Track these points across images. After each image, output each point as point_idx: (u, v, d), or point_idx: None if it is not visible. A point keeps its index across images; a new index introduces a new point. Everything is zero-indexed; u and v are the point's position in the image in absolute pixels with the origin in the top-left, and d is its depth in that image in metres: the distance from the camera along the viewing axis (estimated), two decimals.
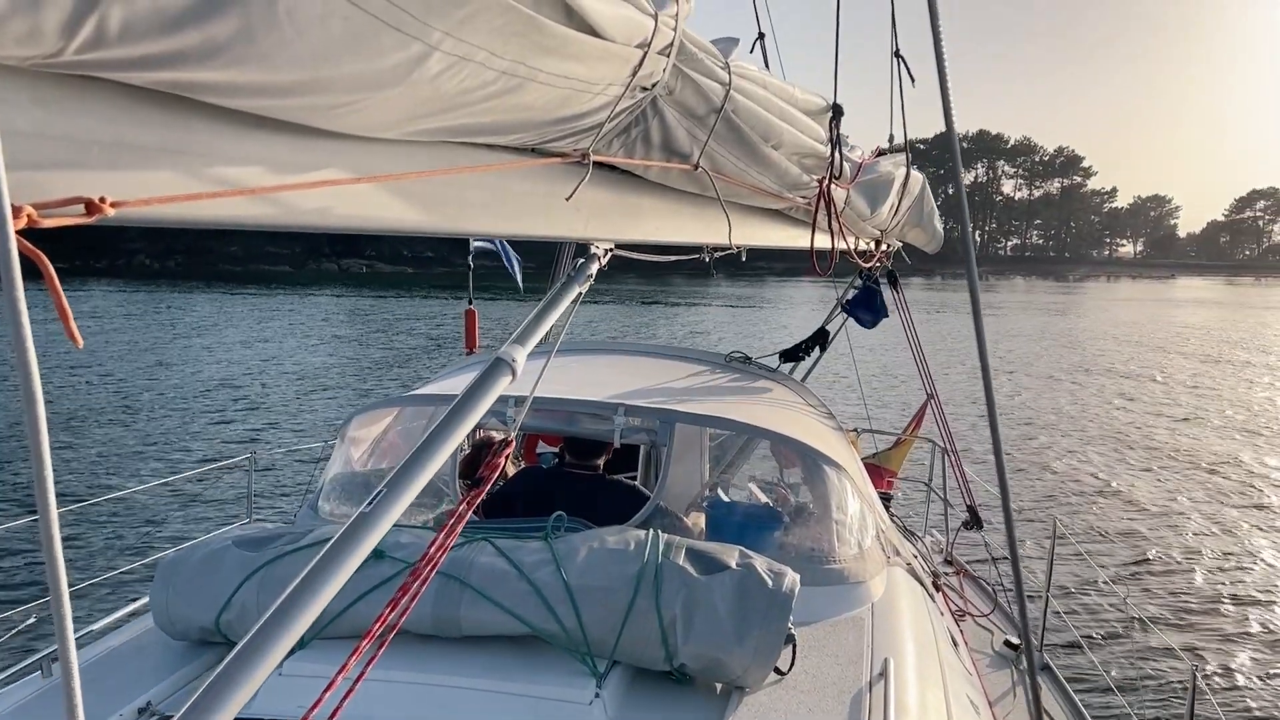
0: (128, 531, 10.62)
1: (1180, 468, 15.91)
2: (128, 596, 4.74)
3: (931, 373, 6.39)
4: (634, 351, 5.58)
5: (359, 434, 4.17)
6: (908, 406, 15.03)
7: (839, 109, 3.24)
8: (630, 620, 2.49)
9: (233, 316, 38.07)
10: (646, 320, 41.15)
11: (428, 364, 26.17)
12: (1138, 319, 54.16)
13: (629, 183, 2.17)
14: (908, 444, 7.88)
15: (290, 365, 25.02)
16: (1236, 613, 9.44)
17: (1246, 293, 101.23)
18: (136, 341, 28.43)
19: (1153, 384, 26.58)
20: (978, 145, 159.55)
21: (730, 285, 71.84)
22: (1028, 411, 20.92)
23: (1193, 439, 18.48)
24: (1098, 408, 22.00)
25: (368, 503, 1.47)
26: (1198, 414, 21.61)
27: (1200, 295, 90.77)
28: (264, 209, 1.19)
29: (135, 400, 19.14)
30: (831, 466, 3.66)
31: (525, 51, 1.32)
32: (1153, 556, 11.04)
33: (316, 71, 1.07)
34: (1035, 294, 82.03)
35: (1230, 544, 11.65)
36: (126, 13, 0.85)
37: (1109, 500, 13.54)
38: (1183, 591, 9.96)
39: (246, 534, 2.95)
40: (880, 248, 5.43)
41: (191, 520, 10.90)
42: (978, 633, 4.85)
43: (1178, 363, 32.44)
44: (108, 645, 2.97)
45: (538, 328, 1.92)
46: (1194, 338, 42.70)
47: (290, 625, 1.29)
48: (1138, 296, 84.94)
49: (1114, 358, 33.13)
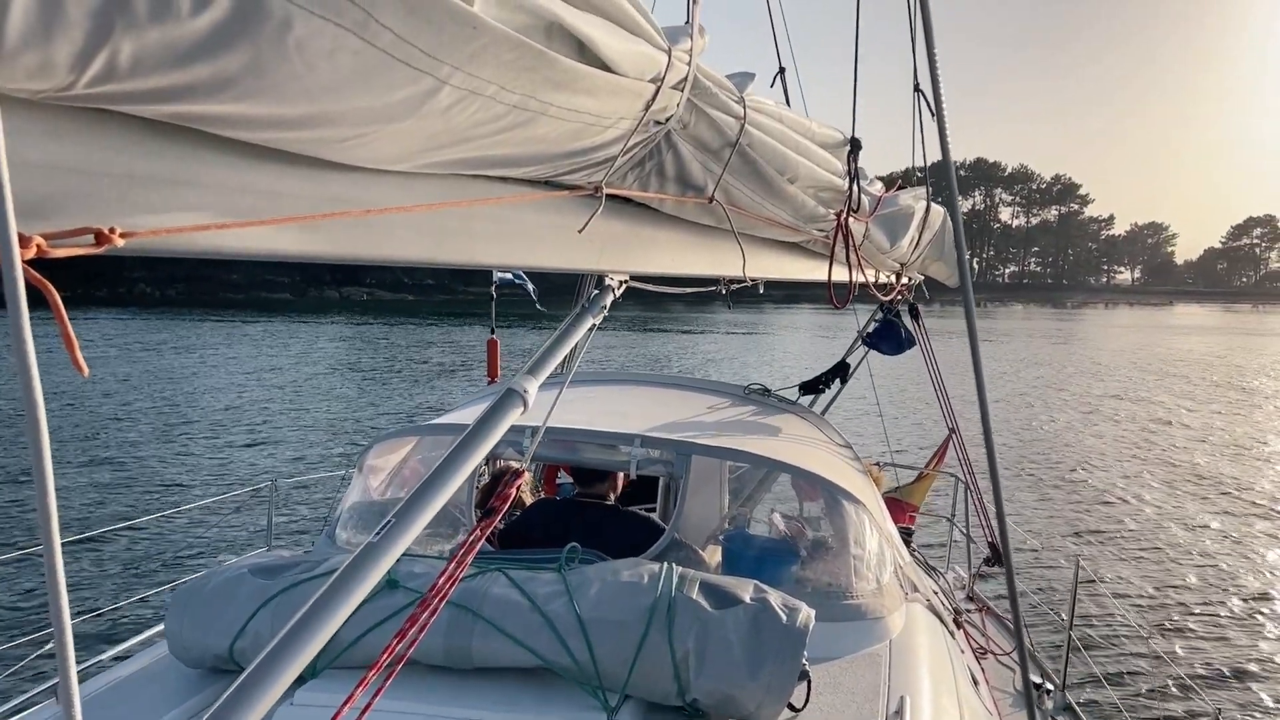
0: (147, 559, 10.67)
1: (1204, 500, 15.68)
2: (144, 623, 4.75)
3: (953, 406, 6.35)
4: (653, 382, 5.57)
5: (377, 463, 4.18)
6: (931, 440, 14.90)
7: (857, 143, 3.24)
8: (643, 654, 2.46)
9: (238, 344, 38.23)
10: (643, 347, 41.13)
11: (444, 392, 26.17)
12: (1143, 345, 54.02)
13: (643, 215, 2.18)
14: (930, 478, 7.81)
15: (303, 394, 25.07)
16: (1263, 653, 9.25)
17: (1246, 319, 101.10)
18: (143, 370, 28.56)
19: (1171, 413, 26.28)
20: (975, 173, 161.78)
21: (729, 312, 71.72)
22: (1048, 442, 20.72)
23: (1218, 469, 18.21)
24: (1118, 437, 21.77)
25: (376, 533, 1.47)
26: (1222, 444, 21.33)
27: (1201, 322, 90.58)
28: (273, 240, 1.20)
29: (149, 429, 19.22)
30: (849, 501, 3.63)
31: (536, 86, 1.33)
32: (1178, 594, 10.85)
33: (326, 105, 1.08)
34: (1035, 320, 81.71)
35: (1258, 581, 11.44)
36: (137, 47, 0.87)
37: (1132, 535, 13.35)
38: (1208, 630, 9.77)
39: (262, 562, 2.95)
40: (901, 280, 5.41)
41: (212, 548, 10.94)
42: (999, 671, 4.78)
43: (1193, 391, 32.16)
44: (123, 672, 2.97)
45: (550, 358, 1.92)
46: (1205, 364, 42.44)
47: (297, 653, 1.29)
48: (1138, 324, 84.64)
49: (1125, 386, 32.87)
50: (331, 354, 36.53)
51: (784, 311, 77.75)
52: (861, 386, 7.29)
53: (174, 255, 1.12)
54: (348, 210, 1.28)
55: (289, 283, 77.97)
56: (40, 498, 0.86)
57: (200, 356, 33.13)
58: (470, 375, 30.00)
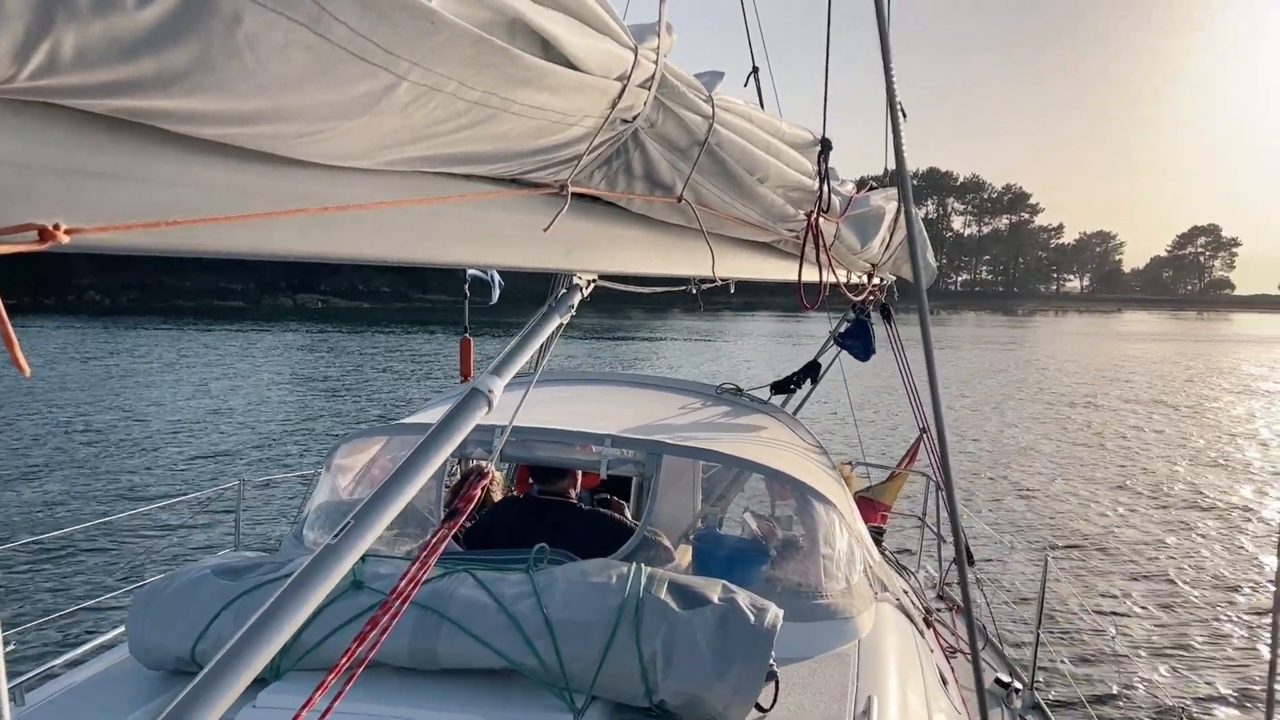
0: (110, 560, 10.55)
1: (1167, 500, 15.88)
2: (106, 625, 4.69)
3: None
4: (625, 382, 5.56)
5: (345, 462, 4.14)
6: (904, 440, 15.01)
7: (828, 143, 3.24)
8: (610, 655, 2.45)
9: (195, 352, 37.60)
10: (601, 353, 41.03)
11: (408, 397, 25.96)
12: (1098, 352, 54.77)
13: (611, 214, 2.17)
14: (902, 478, 7.84)
15: (267, 400, 24.72)
16: (1226, 650, 9.36)
17: (1192, 326, 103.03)
18: (100, 378, 28.03)
19: (1131, 417, 26.59)
20: (928, 182, 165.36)
21: (687, 318, 71.82)
22: (1015, 444, 20.89)
23: (1180, 471, 18.44)
24: (1082, 440, 22.00)
25: (336, 533, 1.46)
26: (1182, 446, 21.61)
27: (1150, 329, 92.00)
28: (228, 238, 1.17)
29: (110, 436, 18.88)
30: (819, 501, 3.64)
31: (498, 83, 1.31)
32: (1144, 593, 10.97)
33: (279, 100, 1.06)
34: (987, 328, 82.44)
35: (1221, 580, 11.59)
36: (80, 39, 0.85)
37: (1099, 535, 13.49)
38: (1173, 629, 9.88)
39: (225, 563, 2.92)
40: (872, 281, 5.43)
41: (178, 550, 10.82)
42: (970, 670, 4.80)
43: (1150, 395, 32.53)
44: (84, 674, 2.93)
45: (517, 357, 1.90)
46: (1161, 370, 43.02)
47: (255, 654, 1.27)
48: (1089, 330, 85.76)
49: (1085, 391, 33.18)
50: (292, 361, 36.10)
51: (741, 317, 77.88)
52: (834, 387, 7.30)
53: (124, 253, 1.09)
54: (305, 207, 1.25)
55: (243, 290, 77.44)
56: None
57: (157, 364, 32.61)
58: (434, 380, 29.86)
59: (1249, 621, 10.16)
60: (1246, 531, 14.09)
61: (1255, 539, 13.62)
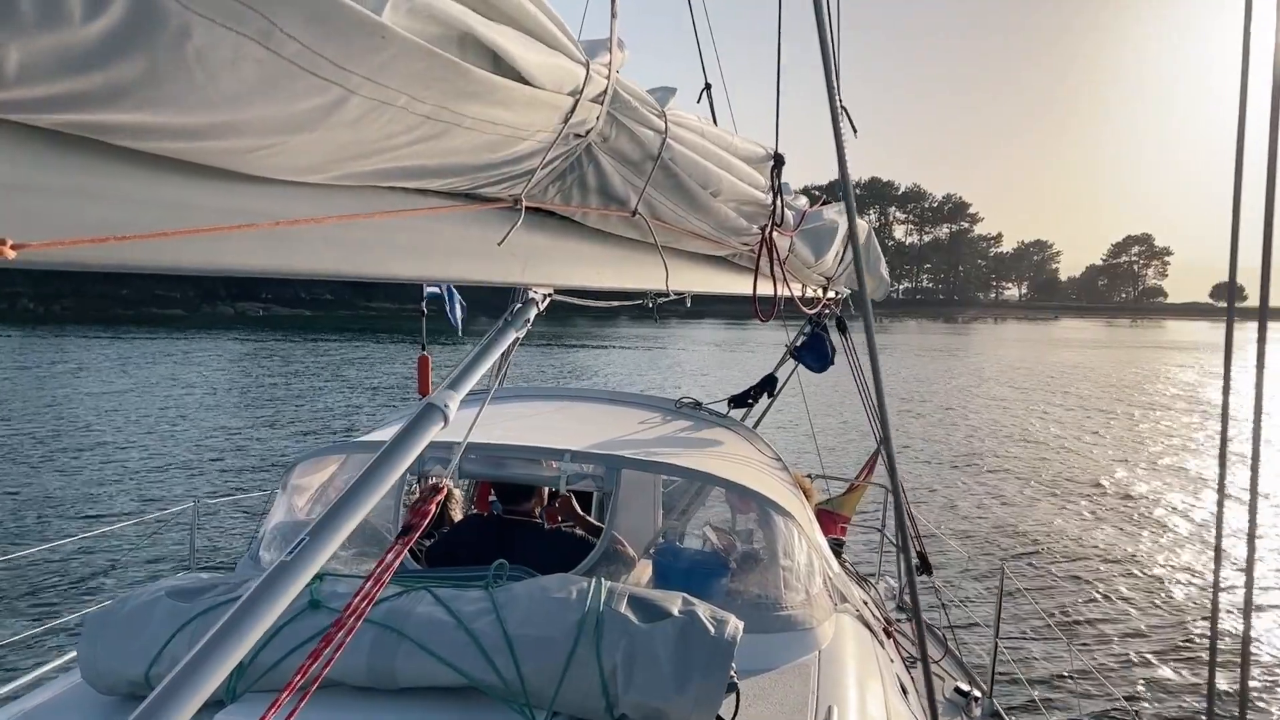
0: (60, 584, 10.30)
1: (1121, 507, 16.16)
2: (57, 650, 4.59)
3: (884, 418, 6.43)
4: (584, 397, 5.56)
5: (302, 482, 4.10)
6: (862, 452, 15.12)
7: (780, 158, 3.28)
8: (570, 670, 2.45)
9: (135, 362, 36.68)
10: (548, 361, 40.82)
11: (361, 409, 25.63)
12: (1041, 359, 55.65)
13: (566, 228, 2.18)
14: (860, 490, 7.89)
15: (214, 412, 24.28)
16: (1179, 655, 9.51)
17: (1125, 334, 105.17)
18: (39, 390, 27.33)
19: (1076, 424, 27.04)
20: (870, 191, 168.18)
21: (635, 326, 71.71)
22: (970, 454, 21.11)
23: (1134, 478, 18.76)
24: (1031, 448, 22.29)
25: (289, 551, 1.44)
26: (1134, 452, 22.00)
27: (1088, 336, 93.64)
28: (179, 253, 1.17)
29: (51, 451, 18.38)
30: (778, 513, 3.66)
31: (448, 97, 1.32)
32: (1097, 600, 11.14)
33: (229, 114, 1.06)
34: (929, 335, 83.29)
35: (1174, 586, 11.79)
36: (25, 54, 0.84)
37: (1055, 541, 13.68)
38: (1127, 636, 10.03)
39: (180, 584, 2.87)
40: (827, 294, 5.48)
41: (131, 572, 10.61)
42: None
43: (1095, 402, 33.10)
44: (34, 700, 2.87)
45: (472, 373, 1.90)
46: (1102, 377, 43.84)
47: (207, 675, 1.26)
48: (1029, 337, 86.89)
49: (1032, 399, 33.68)
50: (239, 371, 35.35)
51: (691, 325, 78.03)
52: (792, 400, 7.35)
53: (73, 269, 1.09)
54: (256, 223, 1.25)
55: (181, 298, 75.74)
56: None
57: (98, 375, 31.80)
58: (387, 391, 29.49)
59: (1198, 623, 10.35)
60: (1193, 535, 14.37)
61: (1202, 542, 13.89)
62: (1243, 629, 2.96)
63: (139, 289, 73.13)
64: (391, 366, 37.72)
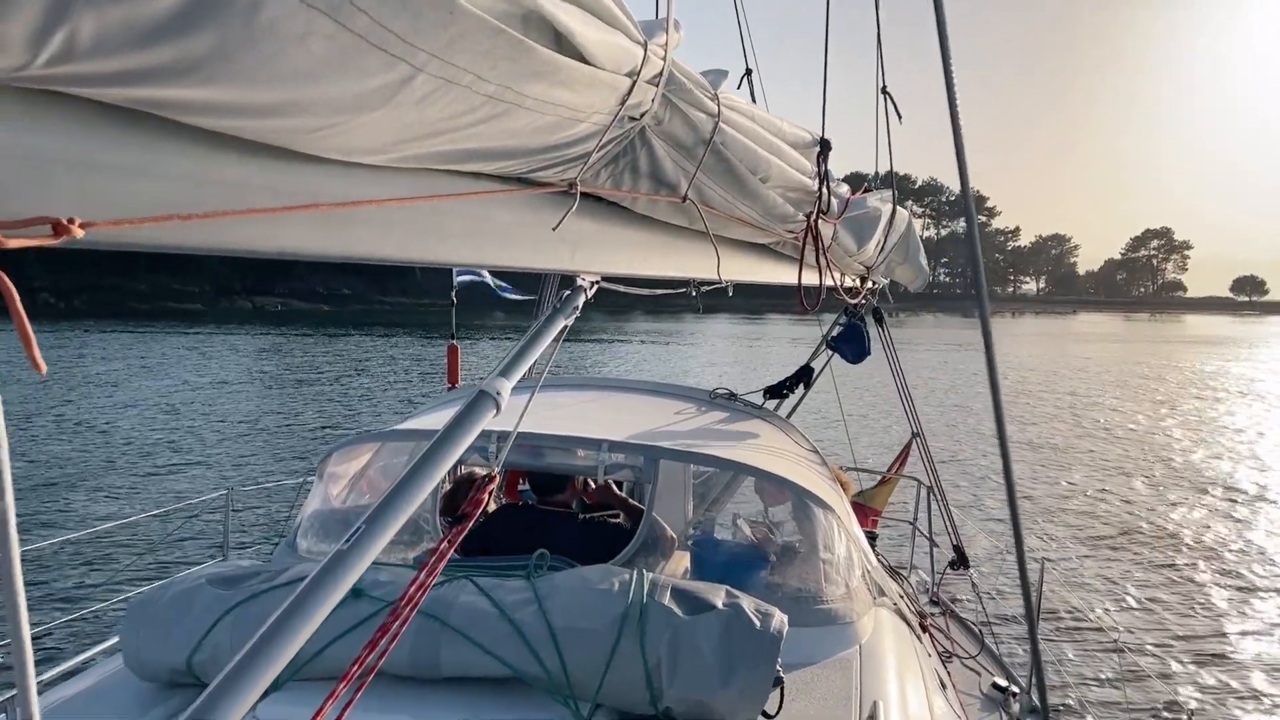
0: (100, 570, 10.41)
1: (1167, 502, 15.93)
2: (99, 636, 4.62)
3: (917, 410, 6.36)
4: (619, 387, 5.53)
5: (338, 470, 4.10)
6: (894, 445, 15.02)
7: (827, 143, 3.23)
8: (614, 663, 2.42)
9: (157, 356, 36.68)
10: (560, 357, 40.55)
11: (385, 401, 25.68)
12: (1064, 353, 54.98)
13: (616, 214, 2.14)
14: (893, 482, 7.83)
15: (241, 406, 24.30)
16: (1231, 654, 9.37)
17: (1145, 328, 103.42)
18: (66, 383, 27.38)
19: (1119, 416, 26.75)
20: (885, 186, 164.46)
21: (648, 321, 71.18)
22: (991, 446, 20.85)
23: (1179, 470, 18.53)
24: (1075, 441, 22.06)
25: (346, 540, 1.42)
26: (1183, 444, 21.71)
27: (1106, 330, 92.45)
28: (240, 235, 1.15)
29: (83, 442, 18.49)
30: (819, 505, 3.62)
31: (513, 76, 1.28)
32: (1142, 595, 10.99)
33: (296, 92, 1.03)
34: (946, 329, 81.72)
35: (1226, 581, 11.62)
36: (98, 26, 0.82)
37: (1094, 536, 13.53)
38: (1174, 632, 9.88)
39: (220, 572, 2.87)
40: (866, 284, 5.42)
41: (167, 558, 10.69)
42: (965, 675, 4.79)
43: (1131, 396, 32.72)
44: (77, 686, 2.88)
45: (522, 361, 1.88)
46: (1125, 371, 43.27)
47: (264, 666, 1.24)
48: (1046, 331, 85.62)
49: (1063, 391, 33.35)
50: (260, 365, 35.35)
51: (705, 321, 77.54)
52: (825, 391, 7.29)
53: (136, 249, 1.07)
54: (317, 204, 1.22)
55: (199, 292, 75.65)
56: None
57: (120, 368, 31.90)
58: (410, 383, 29.55)
59: (1248, 620, 10.19)
60: (1244, 530, 14.15)
61: (1256, 537, 13.67)
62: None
63: (155, 283, 73.06)
64: (412, 359, 37.75)
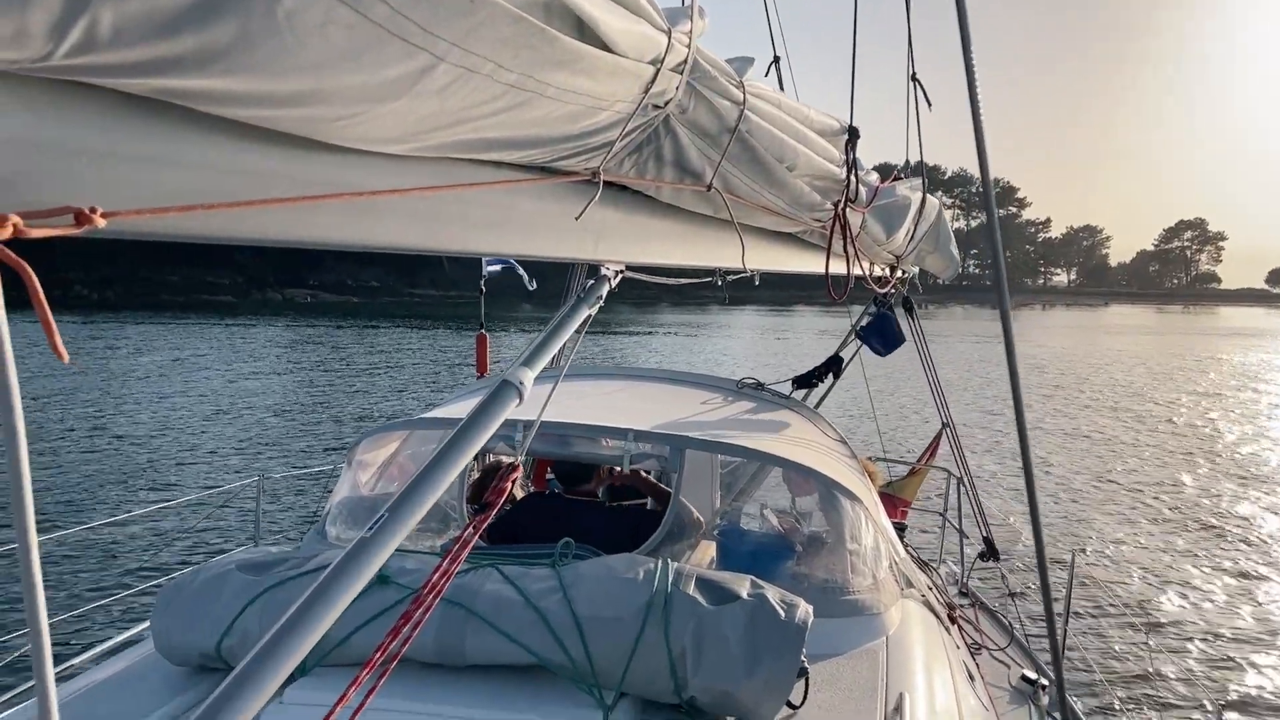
0: (132, 556, 10.55)
1: (1201, 496, 15.73)
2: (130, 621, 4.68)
3: (947, 401, 6.32)
4: (645, 377, 5.53)
5: (367, 457, 4.13)
6: (923, 435, 14.92)
7: (855, 131, 3.20)
8: (639, 651, 2.43)
9: (189, 346, 37.01)
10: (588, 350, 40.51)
11: (415, 390, 25.80)
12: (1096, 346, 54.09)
13: (640, 203, 2.14)
14: (922, 473, 7.79)
15: (271, 396, 24.50)
16: (1264, 650, 9.24)
17: (1178, 320, 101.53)
18: (100, 373, 27.63)
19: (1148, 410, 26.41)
20: (915, 174, 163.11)
21: (674, 313, 70.83)
22: (1035, 440, 20.70)
23: (1213, 466, 18.28)
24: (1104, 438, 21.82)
25: (369, 527, 1.43)
26: (1217, 442, 21.42)
27: (1138, 322, 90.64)
28: (261, 225, 1.15)
29: (120, 431, 18.74)
30: (845, 496, 3.60)
31: (534, 65, 1.28)
32: (1174, 590, 10.86)
33: (317, 81, 1.03)
34: (975, 321, 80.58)
35: (1258, 578, 11.45)
36: (118, 16, 0.82)
37: (1127, 530, 13.38)
38: (1205, 627, 9.76)
39: (250, 558, 2.90)
40: (895, 273, 5.38)
41: (199, 544, 10.84)
42: (994, 667, 4.75)
43: (1164, 391, 32.21)
44: (108, 670, 2.92)
45: (546, 350, 1.87)
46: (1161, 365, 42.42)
47: (288, 651, 1.25)
48: (1077, 324, 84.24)
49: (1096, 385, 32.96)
50: (291, 355, 35.57)
51: (731, 312, 77.01)
52: (854, 381, 7.25)
53: (159, 239, 1.07)
54: (339, 193, 1.23)
55: (230, 284, 76.04)
56: (15, 494, 0.81)
57: (156, 358, 32.24)
58: (439, 372, 29.66)
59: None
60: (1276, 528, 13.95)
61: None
62: None
63: (187, 275, 73.69)
64: (441, 349, 37.90)
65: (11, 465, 0.80)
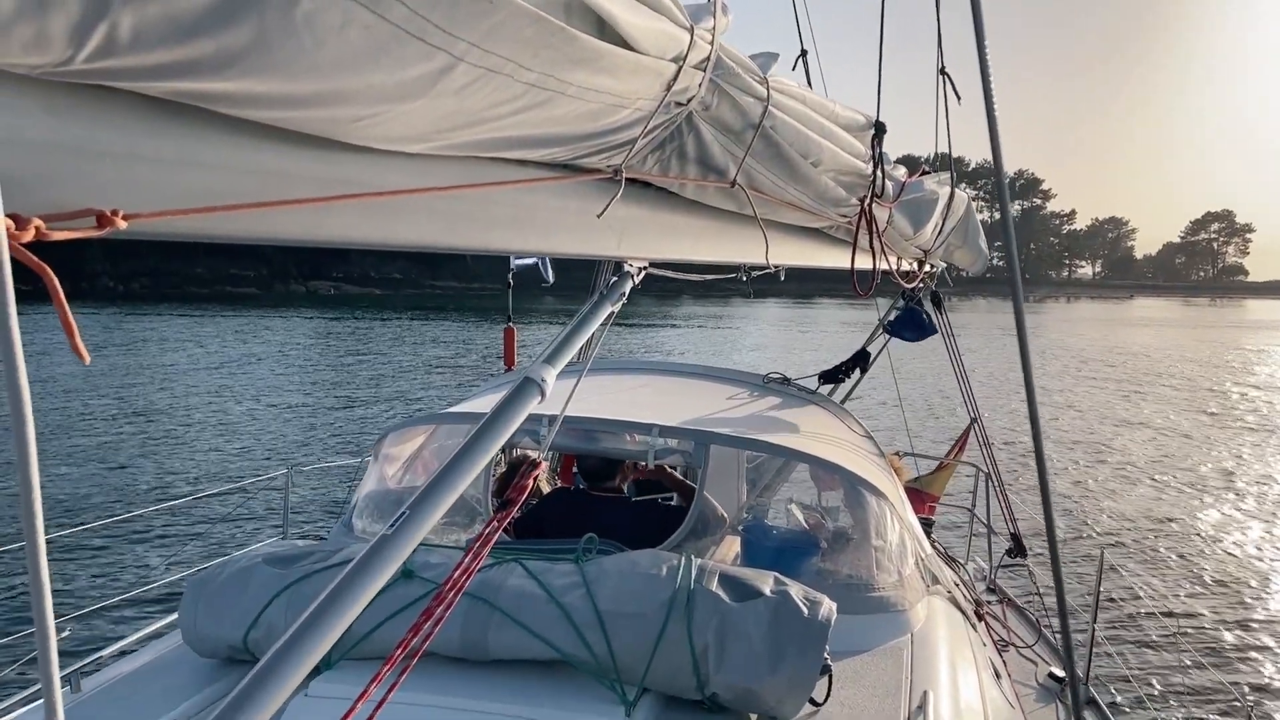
0: (160, 548, 10.66)
1: (1232, 495, 15.52)
2: (158, 613, 4.74)
3: (975, 396, 6.27)
4: (670, 371, 5.52)
5: (393, 451, 4.15)
6: (951, 430, 14.80)
7: (881, 126, 3.17)
8: (661, 647, 2.43)
9: (213, 338, 37.28)
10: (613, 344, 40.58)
11: (441, 384, 25.87)
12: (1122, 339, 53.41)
13: (664, 200, 2.13)
14: (950, 469, 7.73)
15: (297, 389, 24.66)
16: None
17: (1205, 313, 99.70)
18: (128, 365, 27.83)
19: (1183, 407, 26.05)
20: (943, 168, 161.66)
21: (698, 305, 70.39)
22: (1067, 436, 20.53)
23: (1246, 465, 18.04)
24: (1137, 431, 21.57)
25: (391, 523, 1.44)
26: (1241, 438, 21.12)
27: (1164, 315, 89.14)
28: (283, 224, 1.16)
29: (148, 423, 18.92)
30: (871, 491, 3.58)
31: (555, 64, 1.28)
32: (1204, 588, 10.72)
33: (336, 82, 1.04)
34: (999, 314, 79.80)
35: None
36: (137, 20, 0.83)
37: (1157, 528, 13.22)
38: (1236, 626, 9.64)
39: (276, 551, 2.93)
40: (923, 268, 5.34)
41: (227, 537, 10.94)
42: (1021, 664, 4.72)
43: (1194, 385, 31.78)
44: (136, 662, 2.96)
45: (568, 346, 1.88)
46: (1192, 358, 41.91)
47: (312, 645, 1.26)
48: (1102, 317, 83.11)
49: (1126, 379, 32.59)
50: (316, 348, 35.75)
51: (755, 305, 76.48)
52: (881, 376, 7.20)
53: (180, 240, 1.08)
54: (360, 192, 1.23)
55: (254, 276, 76.39)
56: (24, 494, 0.82)
57: (180, 351, 32.51)
58: (462, 366, 29.72)
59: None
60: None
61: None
62: None
63: (213, 268, 74.06)
64: (465, 342, 37.96)
65: (20, 465, 0.81)
